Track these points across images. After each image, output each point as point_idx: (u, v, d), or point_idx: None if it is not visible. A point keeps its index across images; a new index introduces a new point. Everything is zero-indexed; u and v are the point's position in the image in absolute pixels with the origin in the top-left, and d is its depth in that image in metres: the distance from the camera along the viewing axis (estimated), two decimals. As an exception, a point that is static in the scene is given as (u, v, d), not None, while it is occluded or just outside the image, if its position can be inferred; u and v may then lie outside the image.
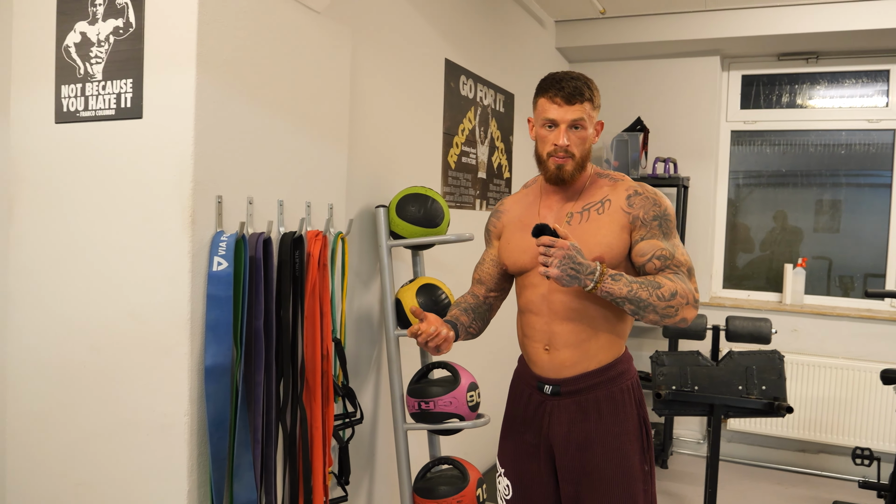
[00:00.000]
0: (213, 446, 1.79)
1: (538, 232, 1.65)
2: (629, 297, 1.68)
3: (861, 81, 4.45)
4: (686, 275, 1.76)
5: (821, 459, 4.28)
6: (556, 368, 1.83)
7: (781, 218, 4.71)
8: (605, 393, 1.81)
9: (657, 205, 1.78)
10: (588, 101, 1.78)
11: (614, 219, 1.78)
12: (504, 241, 1.95)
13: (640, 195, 1.79)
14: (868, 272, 4.47)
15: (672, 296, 1.69)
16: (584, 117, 1.77)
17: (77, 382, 1.91)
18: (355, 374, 2.54)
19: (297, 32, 2.07)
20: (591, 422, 1.80)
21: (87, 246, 1.87)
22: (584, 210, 1.82)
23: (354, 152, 2.48)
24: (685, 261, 1.78)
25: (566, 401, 1.83)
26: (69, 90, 1.87)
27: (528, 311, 1.88)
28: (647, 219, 1.77)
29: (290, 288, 2.01)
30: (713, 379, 3.12)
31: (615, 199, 1.80)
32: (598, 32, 4.54)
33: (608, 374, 1.81)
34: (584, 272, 1.65)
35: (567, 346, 1.81)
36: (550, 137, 1.79)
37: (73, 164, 1.88)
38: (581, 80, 1.79)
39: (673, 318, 1.72)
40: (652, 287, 1.69)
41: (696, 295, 1.74)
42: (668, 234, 1.78)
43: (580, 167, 1.81)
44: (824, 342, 4.27)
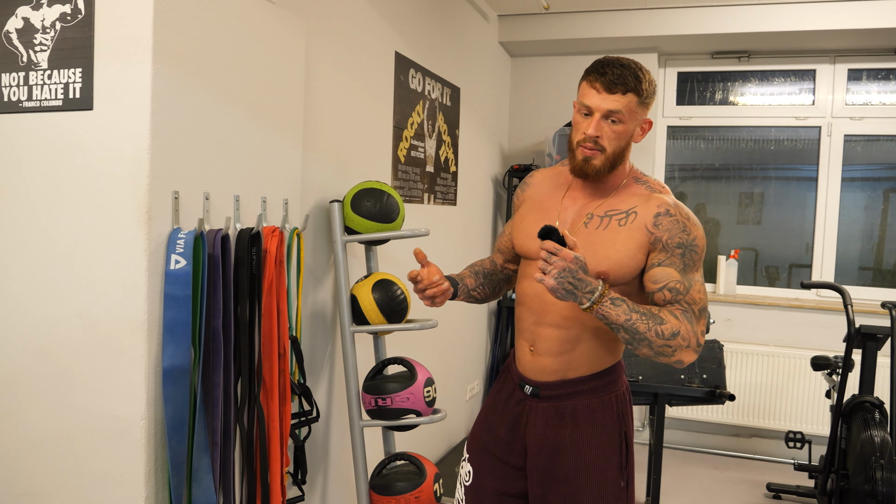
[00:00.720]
0: (172, 450, 1.73)
1: (545, 234, 1.51)
2: (625, 326, 1.55)
3: (790, 80, 4.65)
4: (696, 315, 1.60)
5: (753, 443, 4.48)
6: (538, 372, 1.76)
7: (708, 210, 4.89)
8: (584, 402, 1.72)
9: (686, 231, 1.62)
10: (632, 91, 1.60)
11: (633, 235, 1.63)
12: (519, 218, 1.84)
13: (671, 217, 1.63)
14: (792, 262, 4.70)
15: (672, 336, 1.56)
16: (623, 110, 1.59)
17: (21, 388, 1.81)
18: (310, 372, 2.50)
19: (253, 22, 2.01)
20: (566, 429, 1.72)
21: (31, 244, 1.78)
22: (607, 215, 1.67)
23: (308, 146, 2.43)
24: (700, 300, 1.61)
25: (544, 404, 1.75)
26: (10, 79, 1.76)
27: (522, 303, 1.79)
28: (671, 244, 1.61)
29: (248, 285, 1.96)
30: (657, 368, 3.22)
31: (642, 213, 1.64)
32: (541, 27, 4.59)
33: (590, 384, 1.73)
34: (582, 289, 1.52)
35: (549, 353, 1.73)
36: (583, 125, 1.63)
37: (15, 157, 1.78)
38: (631, 68, 1.61)
39: (668, 358, 1.58)
40: (654, 321, 1.56)
41: (699, 339, 1.60)
42: (690, 266, 1.62)
43: (611, 165, 1.64)
44: (756, 331, 4.46)
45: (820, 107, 4.54)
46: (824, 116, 4.53)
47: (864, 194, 4.55)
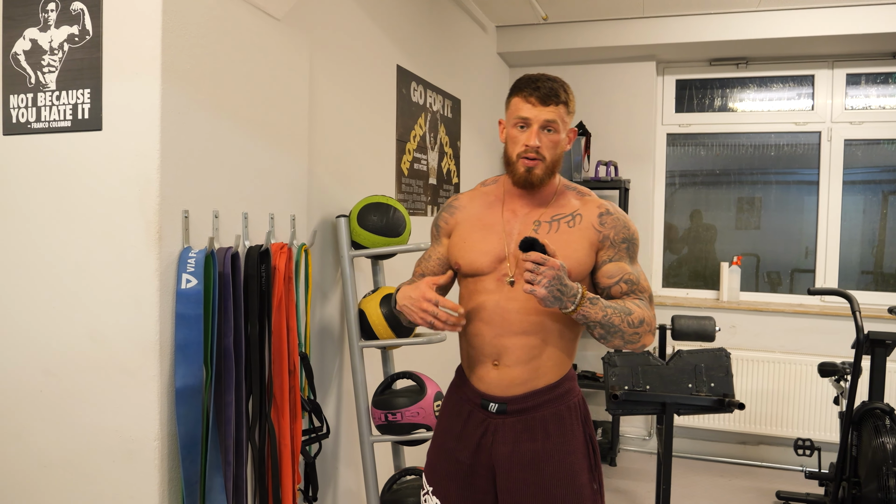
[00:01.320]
0: (186, 470, 1.72)
1: (528, 246, 1.55)
2: (602, 322, 1.63)
3: (788, 86, 4.67)
4: (648, 301, 1.74)
5: (760, 451, 4.46)
6: (505, 386, 1.74)
7: (709, 216, 4.90)
8: (553, 411, 1.74)
9: (626, 227, 1.75)
10: (563, 104, 1.71)
11: (585, 235, 1.73)
12: (458, 239, 1.83)
13: (612, 215, 1.75)
14: (794, 267, 4.70)
15: (640, 323, 1.67)
16: (558, 120, 1.70)
17: (31, 409, 1.80)
18: (319, 387, 2.49)
19: (258, 40, 2.02)
20: (538, 441, 1.72)
21: (42, 265, 1.77)
22: (554, 220, 1.75)
23: (313, 161, 2.43)
24: (648, 287, 1.76)
25: (511, 419, 1.73)
26: (19, 100, 1.76)
27: (478, 318, 1.76)
28: (617, 240, 1.73)
29: (258, 303, 1.96)
30: (664, 378, 3.20)
31: (586, 214, 1.75)
32: (539, 38, 4.60)
33: (556, 391, 1.75)
34: (567, 294, 1.57)
35: (518, 363, 1.72)
36: (522, 138, 1.71)
37: (25, 178, 1.77)
38: (558, 82, 1.73)
39: (635, 345, 1.70)
40: (624, 313, 1.65)
41: (655, 322, 1.73)
42: (633, 258, 1.76)
43: (550, 172, 1.73)
44: (760, 337, 4.46)
45: (819, 112, 4.56)
46: (824, 121, 4.54)
47: (864, 198, 4.56)
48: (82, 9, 1.69)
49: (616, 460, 4.39)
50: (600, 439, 4.41)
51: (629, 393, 3.15)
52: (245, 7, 1.95)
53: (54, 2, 1.72)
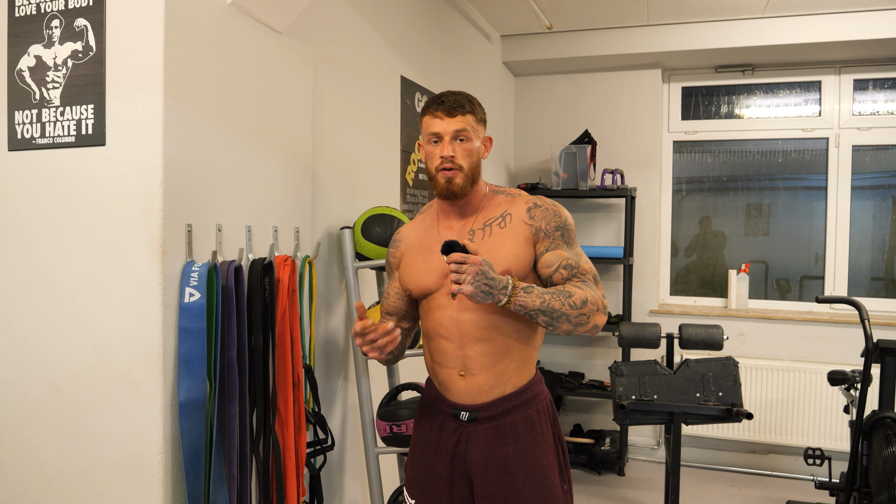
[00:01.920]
0: (189, 484, 1.72)
1: (448, 249, 1.59)
2: (542, 309, 1.65)
3: (795, 92, 4.65)
4: (593, 282, 1.76)
5: (771, 460, 4.42)
6: (473, 394, 1.77)
7: (717, 223, 4.87)
8: (523, 416, 1.77)
9: (557, 215, 1.78)
10: (470, 113, 1.77)
11: (517, 231, 1.76)
12: (405, 266, 1.87)
13: (540, 207, 1.79)
14: (804, 274, 4.67)
15: (583, 303, 1.68)
16: (467, 128, 1.75)
17: (36, 423, 1.81)
18: (323, 399, 2.49)
19: (261, 53, 2.03)
20: (509, 446, 1.75)
21: (46, 280, 1.78)
22: (486, 226, 1.79)
23: (317, 173, 2.44)
24: (590, 268, 1.77)
25: (483, 426, 1.77)
26: (23, 116, 1.78)
27: (437, 335, 1.80)
28: (550, 229, 1.76)
29: (261, 315, 1.96)
30: (671, 387, 3.19)
31: (515, 212, 1.79)
32: (544, 47, 4.61)
33: (524, 396, 1.78)
34: (497, 287, 1.61)
35: (482, 369, 1.76)
36: (436, 151, 1.76)
37: (29, 194, 1.79)
38: (462, 94, 1.79)
39: (585, 326, 1.70)
40: (563, 296, 1.67)
41: (604, 301, 1.73)
42: (571, 243, 1.78)
43: (471, 180, 1.78)
44: (770, 345, 4.42)
45: (826, 118, 4.54)
46: (831, 127, 4.52)
47: (874, 203, 4.53)
48: (86, 25, 1.71)
49: (625, 470, 4.36)
50: (608, 449, 4.39)
51: (636, 402, 3.13)
52: (247, 21, 1.96)
53: (58, 18, 1.74)
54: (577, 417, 4.89)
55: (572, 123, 4.82)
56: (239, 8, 1.91)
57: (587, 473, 4.34)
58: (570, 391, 4.50)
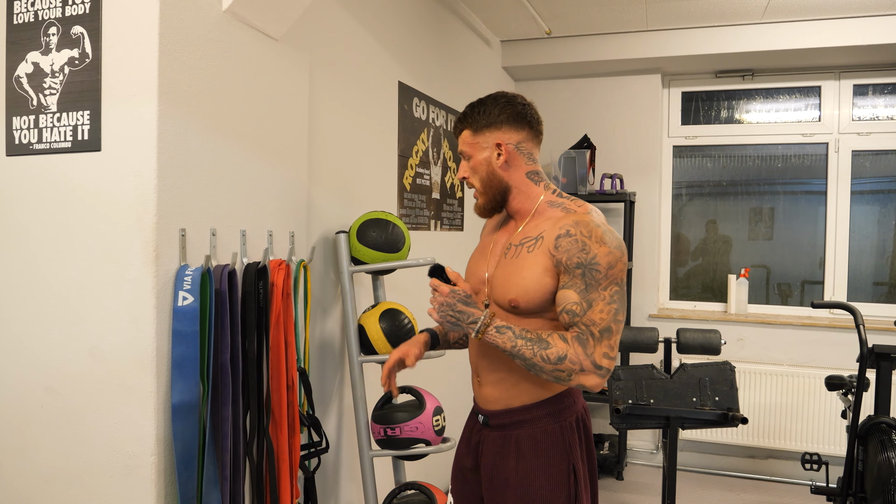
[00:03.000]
0: (182, 486, 1.74)
1: (431, 272, 1.66)
2: (512, 353, 1.58)
3: (795, 97, 4.66)
4: (594, 336, 1.55)
5: (769, 465, 4.42)
6: (484, 401, 1.79)
7: (717, 228, 4.88)
8: (528, 433, 1.70)
9: (584, 250, 1.57)
10: (467, 127, 1.73)
11: (538, 260, 1.62)
12: (469, 259, 1.91)
13: (571, 237, 1.59)
14: (805, 279, 4.67)
15: (559, 360, 1.54)
16: (465, 148, 1.74)
17: (33, 425, 1.83)
18: (318, 402, 2.51)
19: (256, 60, 2.05)
20: (510, 459, 1.71)
21: (42, 283, 1.81)
22: (521, 244, 1.68)
23: (313, 178, 2.46)
24: (600, 320, 1.55)
25: (494, 433, 1.76)
26: (21, 122, 1.80)
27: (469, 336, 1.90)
28: (570, 265, 1.57)
29: (255, 319, 1.98)
30: (668, 392, 3.20)
31: (548, 236, 1.63)
32: (544, 52, 4.63)
33: (533, 413, 1.70)
34: (464, 321, 1.60)
35: (488, 382, 1.77)
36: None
37: (26, 199, 1.81)
38: (468, 107, 1.75)
39: (567, 382, 1.57)
40: (539, 346, 1.55)
41: (597, 361, 1.54)
42: (593, 286, 1.56)
43: (493, 195, 1.73)
44: (769, 350, 4.43)
45: (826, 123, 4.54)
46: (831, 132, 4.53)
47: (875, 208, 4.53)
48: (82, 32, 1.73)
49: (623, 474, 4.37)
50: (607, 453, 4.39)
51: (633, 407, 3.14)
52: (243, 28, 1.98)
53: (56, 26, 1.76)
54: (577, 421, 4.89)
55: (572, 128, 4.83)
56: (234, 15, 1.94)
57: (586, 477, 4.34)
58: (569, 395, 4.50)
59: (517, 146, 1.71)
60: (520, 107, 1.72)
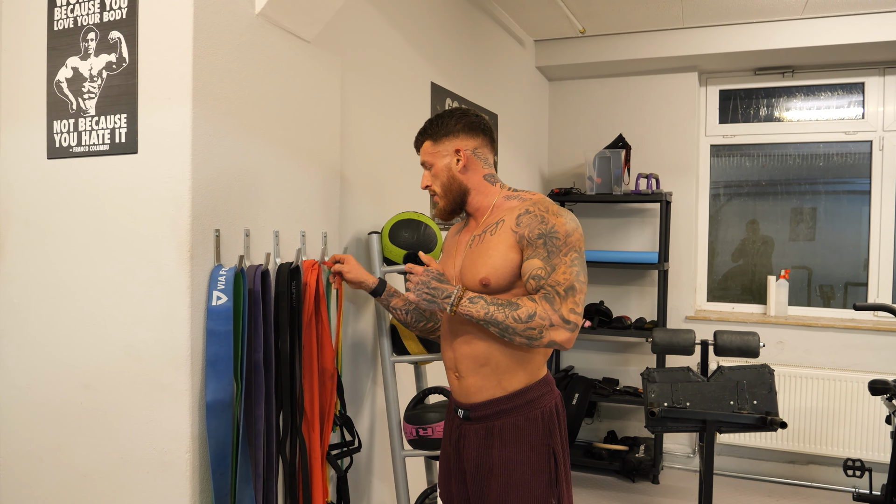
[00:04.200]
0: (216, 483, 1.76)
1: (406, 259, 1.79)
2: (487, 320, 1.70)
3: (837, 94, 4.54)
4: (560, 295, 1.67)
5: (811, 471, 4.32)
6: (465, 394, 1.85)
7: (758, 228, 4.78)
8: (510, 421, 1.79)
9: (543, 222, 1.73)
10: (427, 139, 1.89)
11: (503, 239, 1.77)
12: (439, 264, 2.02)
13: (530, 213, 1.76)
14: (848, 281, 4.55)
15: (529, 318, 1.66)
16: (426, 158, 1.89)
17: (72, 421, 1.88)
18: (351, 402, 2.52)
19: (289, 63, 2.07)
20: (494, 448, 1.79)
21: (80, 283, 1.85)
22: (484, 232, 1.84)
23: (346, 179, 2.47)
24: (564, 280, 1.68)
25: (475, 426, 1.84)
26: (61, 125, 1.85)
27: (442, 335, 1.95)
28: (532, 237, 1.73)
29: (288, 319, 2.00)
30: (704, 395, 3.14)
31: (508, 218, 1.79)
32: (578, 51, 4.59)
33: (515, 401, 1.79)
34: (439, 296, 1.75)
35: (469, 372, 1.83)
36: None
37: (66, 200, 1.86)
38: (426, 123, 1.91)
39: (539, 341, 1.68)
40: (509, 308, 1.68)
41: (565, 315, 1.66)
42: (554, 252, 1.71)
43: (453, 199, 1.88)
44: (810, 353, 4.32)
45: (870, 120, 4.42)
46: (875, 130, 4.41)
47: (921, 209, 4.39)
48: (119, 37, 1.77)
49: (659, 478, 4.30)
50: (642, 456, 4.33)
51: (668, 410, 3.09)
52: (275, 31, 2.00)
53: (94, 31, 1.80)
54: (612, 424, 4.85)
55: (606, 128, 4.79)
56: (266, 18, 1.96)
57: (621, 481, 4.29)
58: (603, 397, 4.46)
59: (474, 151, 1.88)
60: (473, 117, 1.90)
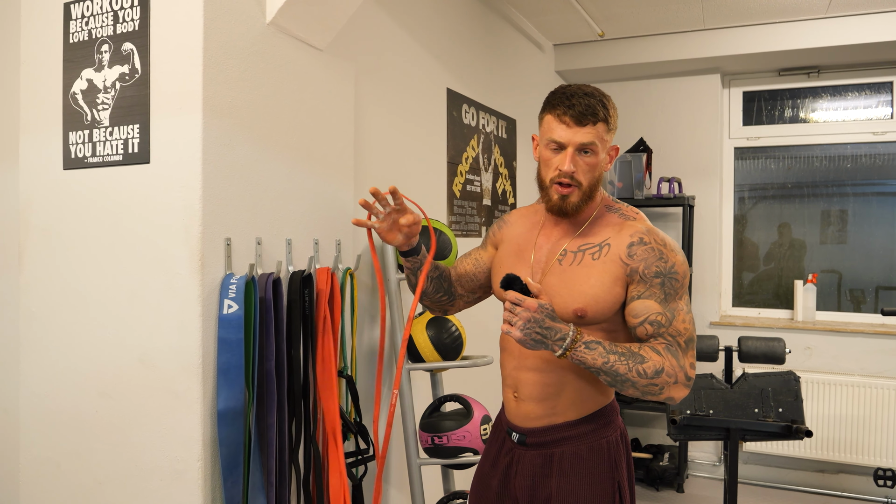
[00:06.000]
0: (227, 491, 1.76)
1: (507, 284, 1.47)
2: (604, 370, 1.48)
3: (864, 94, 4.45)
4: (682, 347, 1.52)
5: (840, 480, 4.21)
6: (522, 418, 1.68)
7: (786, 232, 4.68)
8: (572, 449, 1.62)
9: (663, 259, 1.54)
10: (602, 121, 1.54)
11: (608, 268, 1.56)
12: (498, 258, 1.79)
13: (646, 245, 1.55)
14: (879, 285, 4.44)
15: (656, 374, 1.48)
16: (596, 141, 1.54)
17: (88, 429, 1.89)
18: (366, 410, 2.51)
19: (301, 71, 2.08)
20: (553, 478, 1.62)
21: (95, 292, 1.87)
22: (580, 250, 1.61)
23: (360, 186, 2.47)
24: (684, 330, 1.52)
25: (532, 452, 1.67)
26: (77, 136, 1.87)
27: (503, 348, 1.75)
28: (648, 275, 1.53)
29: (301, 327, 2.00)
30: (728, 402, 3.08)
31: (616, 244, 1.57)
32: (597, 54, 4.55)
33: (578, 429, 1.63)
34: (552, 337, 1.47)
35: (531, 398, 1.65)
36: (555, 161, 1.57)
37: (81, 210, 1.88)
38: (596, 96, 1.56)
39: (656, 396, 1.51)
40: (633, 361, 1.48)
41: (688, 372, 1.51)
42: (672, 295, 1.53)
43: (587, 197, 1.60)
44: (839, 359, 4.22)
45: (899, 121, 4.32)
46: (904, 130, 4.31)
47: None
48: (132, 49, 1.79)
49: (684, 486, 4.23)
50: (666, 464, 4.27)
51: (691, 417, 3.04)
52: (287, 40, 2.01)
53: (108, 43, 1.83)
54: (635, 431, 4.78)
55: (627, 131, 4.74)
56: (278, 27, 1.97)
57: (644, 489, 4.23)
58: (627, 404, 4.40)
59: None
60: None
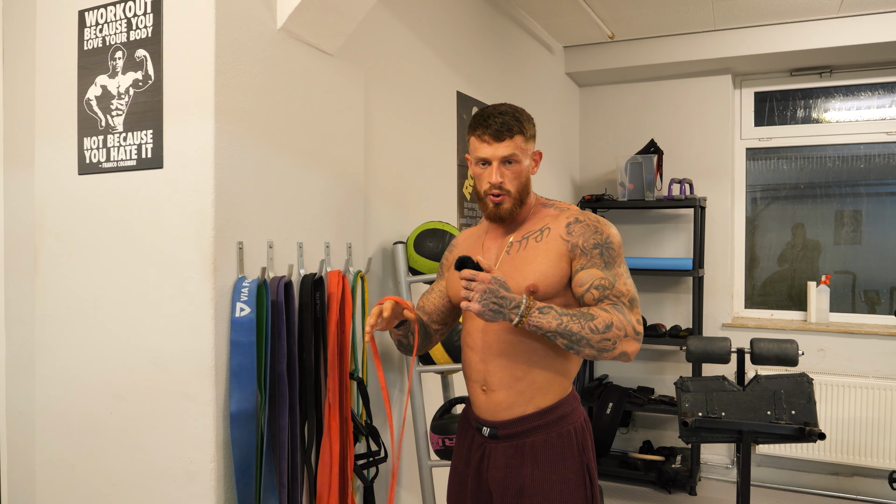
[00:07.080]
0: (240, 492, 1.78)
1: (460, 265, 1.60)
2: (559, 331, 1.59)
3: (878, 93, 4.42)
4: (627, 306, 1.66)
5: (855, 483, 4.18)
6: (493, 410, 1.76)
7: (800, 233, 4.66)
8: (543, 438, 1.72)
9: (598, 232, 1.71)
10: (519, 133, 1.73)
11: (552, 247, 1.72)
12: (450, 275, 1.91)
13: (581, 223, 1.72)
14: (894, 286, 4.41)
15: (607, 328, 1.60)
16: (516, 152, 1.73)
17: (102, 431, 1.92)
18: (377, 412, 2.53)
19: (311, 76, 2.10)
20: (526, 468, 1.71)
21: (109, 295, 1.89)
22: (524, 238, 1.77)
23: (371, 190, 2.49)
24: (627, 290, 1.68)
25: (503, 444, 1.75)
26: (91, 142, 1.90)
27: (466, 345, 1.84)
28: (587, 247, 1.69)
29: (312, 329, 2.01)
30: (740, 404, 3.07)
31: (555, 227, 1.74)
32: (608, 56, 4.55)
33: (547, 417, 1.73)
34: (507, 306, 1.58)
35: (501, 386, 1.74)
36: (485, 175, 1.76)
37: (96, 215, 1.91)
38: (508, 113, 1.74)
39: (611, 352, 1.62)
40: (584, 319, 1.60)
41: (636, 327, 1.64)
42: (611, 262, 1.69)
43: (519, 202, 1.77)
44: (852, 361, 4.19)
45: (912, 120, 4.29)
46: (918, 130, 4.28)
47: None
48: (145, 55, 1.81)
49: (696, 489, 4.22)
50: (678, 467, 4.25)
51: (703, 420, 3.03)
52: (297, 45, 2.03)
53: (121, 50, 1.85)
54: (647, 434, 4.77)
55: (638, 133, 4.74)
56: (288, 33, 1.99)
57: (657, 492, 4.22)
58: (639, 406, 4.40)
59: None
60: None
